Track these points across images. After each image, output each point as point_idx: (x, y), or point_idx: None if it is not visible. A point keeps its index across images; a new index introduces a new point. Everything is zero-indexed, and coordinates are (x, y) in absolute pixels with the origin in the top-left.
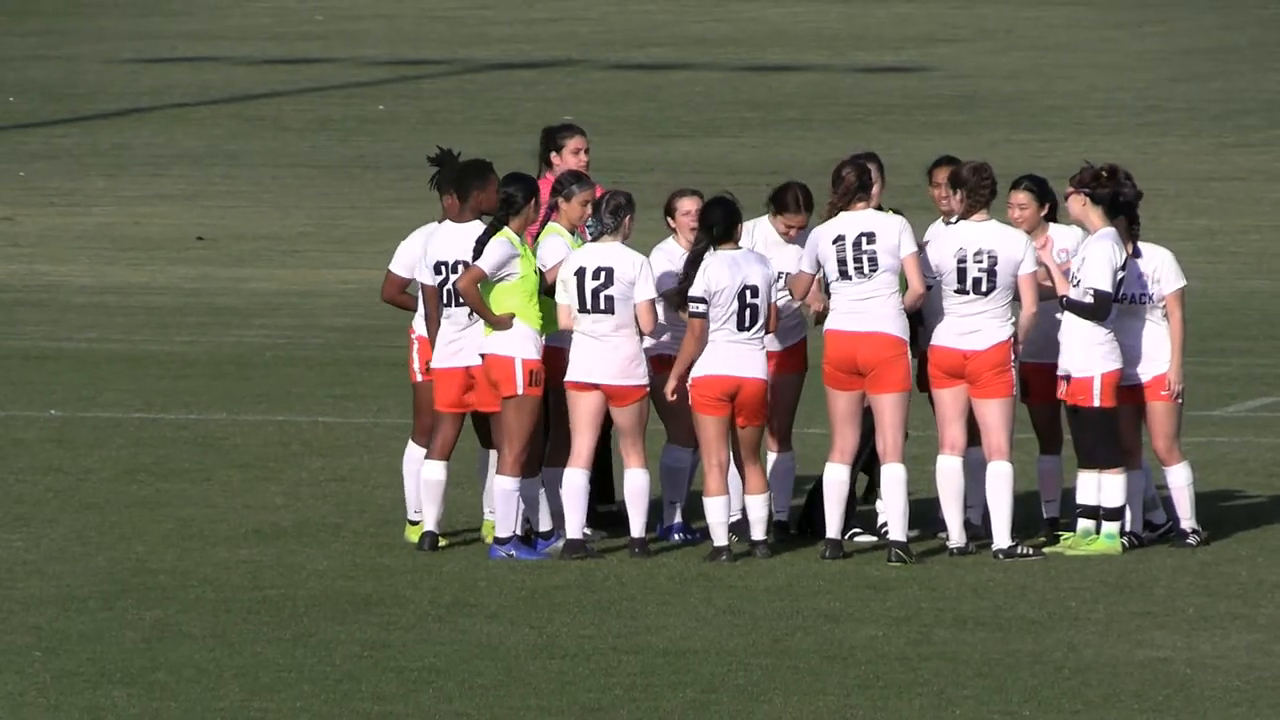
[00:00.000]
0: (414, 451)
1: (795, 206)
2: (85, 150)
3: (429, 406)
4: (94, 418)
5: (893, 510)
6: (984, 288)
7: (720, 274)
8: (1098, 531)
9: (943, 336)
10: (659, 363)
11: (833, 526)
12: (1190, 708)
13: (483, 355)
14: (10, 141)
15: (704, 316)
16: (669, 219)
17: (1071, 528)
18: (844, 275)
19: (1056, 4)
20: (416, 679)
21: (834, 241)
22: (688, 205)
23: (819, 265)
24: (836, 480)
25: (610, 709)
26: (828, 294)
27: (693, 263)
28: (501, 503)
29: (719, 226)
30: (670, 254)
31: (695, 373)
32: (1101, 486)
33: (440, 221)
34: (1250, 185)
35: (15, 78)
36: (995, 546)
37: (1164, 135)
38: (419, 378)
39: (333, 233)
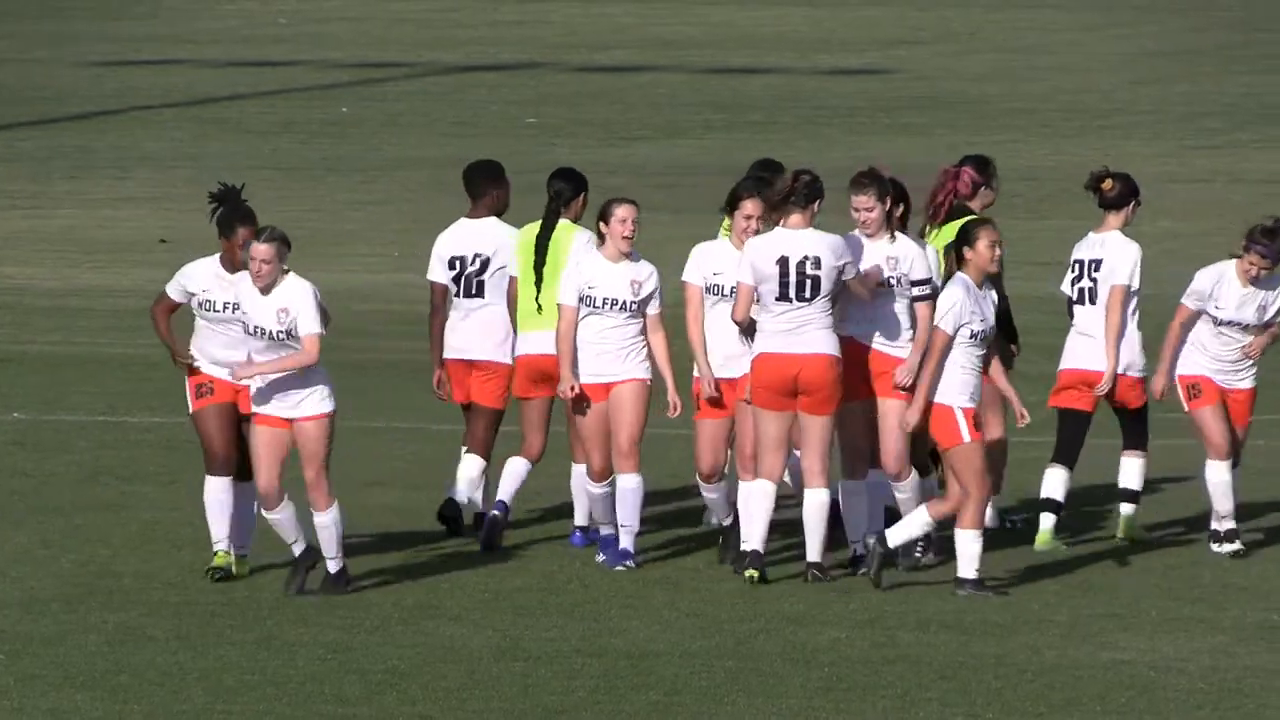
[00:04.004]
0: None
1: (747, 192)
2: (49, 153)
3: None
4: (58, 421)
5: (814, 535)
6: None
7: None
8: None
9: (888, 346)
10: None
11: (758, 540)
12: (1153, 710)
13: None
14: None
15: None
16: (602, 224)
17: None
18: (784, 297)
19: (1021, 7)
20: (380, 681)
21: (777, 262)
22: (624, 213)
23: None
24: (766, 496)
25: (573, 711)
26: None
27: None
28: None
29: None
30: (596, 261)
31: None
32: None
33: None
34: (1213, 188)
35: None
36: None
37: (1128, 138)
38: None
39: (294, 234)
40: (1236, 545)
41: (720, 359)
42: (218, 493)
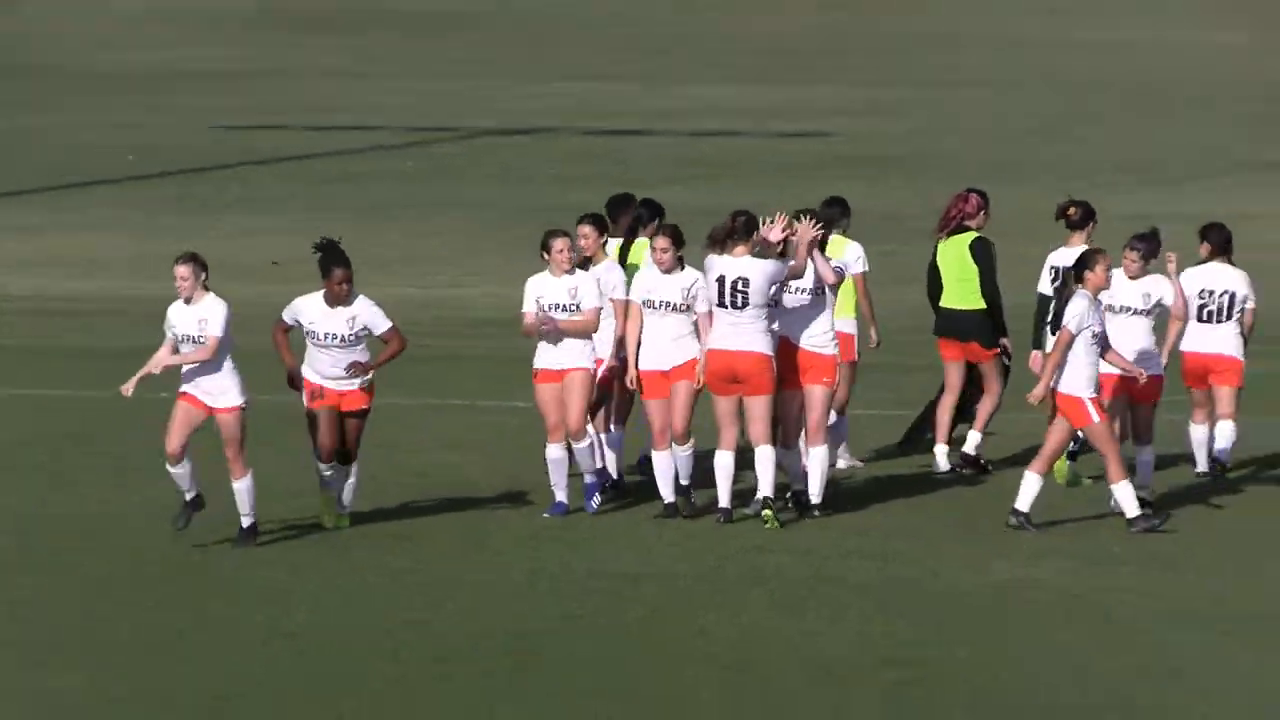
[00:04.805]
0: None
1: (661, 231)
2: (188, 196)
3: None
4: None
5: (764, 478)
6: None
7: None
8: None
9: (814, 345)
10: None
11: (724, 498)
12: (1023, 620)
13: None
14: (139, 190)
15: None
16: (545, 254)
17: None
18: (722, 305)
19: (931, 86)
20: (441, 594)
21: (717, 279)
22: (560, 245)
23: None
24: (725, 464)
25: (586, 618)
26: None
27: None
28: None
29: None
30: (545, 278)
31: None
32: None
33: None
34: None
35: (131, 141)
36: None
37: (1018, 186)
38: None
39: (371, 258)
40: (1146, 511)
41: (654, 355)
42: (325, 470)
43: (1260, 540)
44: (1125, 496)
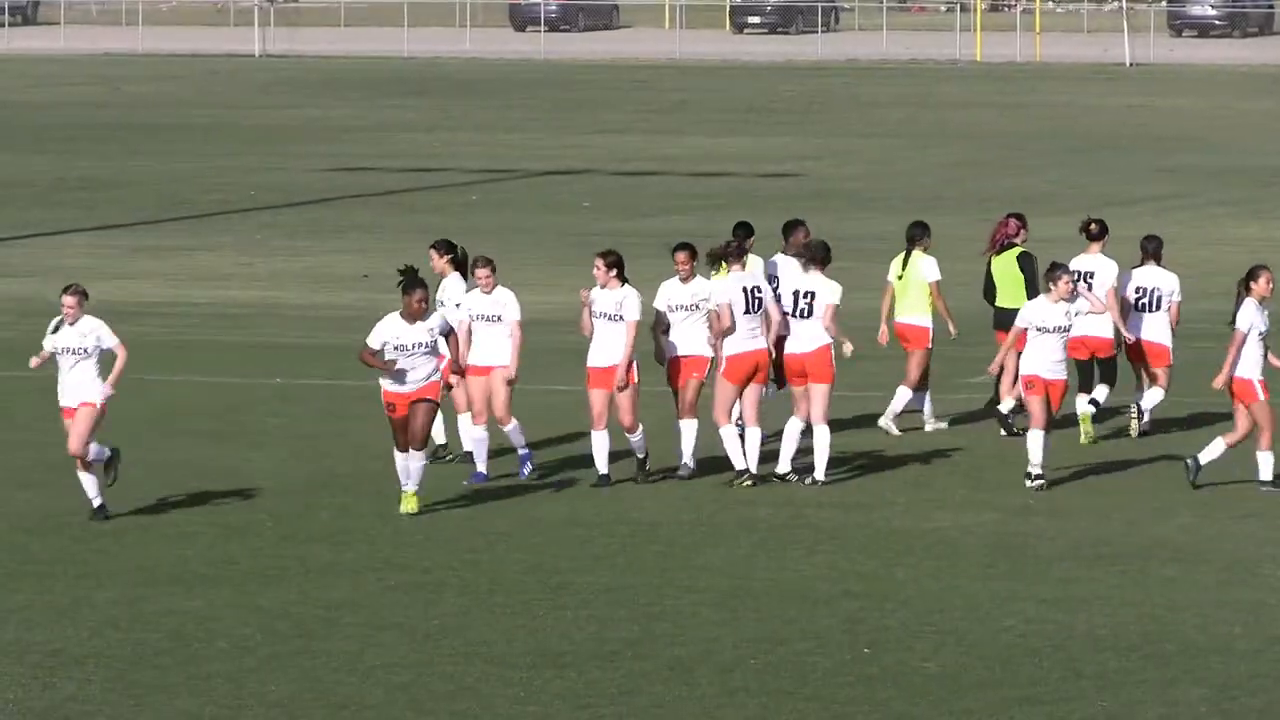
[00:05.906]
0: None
1: (601, 256)
2: (297, 223)
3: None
4: (307, 385)
5: (752, 454)
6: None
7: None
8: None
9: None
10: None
11: (738, 462)
12: (959, 557)
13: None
14: (249, 220)
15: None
16: (472, 274)
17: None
18: (747, 312)
19: (873, 137)
20: (496, 538)
21: (742, 289)
22: (483, 273)
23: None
24: (731, 434)
25: (614, 554)
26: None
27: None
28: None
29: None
30: (476, 294)
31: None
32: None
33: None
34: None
35: (255, 181)
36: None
37: (941, 214)
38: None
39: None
40: (1040, 482)
41: (603, 357)
42: (401, 460)
43: (1142, 495)
44: (1263, 463)
